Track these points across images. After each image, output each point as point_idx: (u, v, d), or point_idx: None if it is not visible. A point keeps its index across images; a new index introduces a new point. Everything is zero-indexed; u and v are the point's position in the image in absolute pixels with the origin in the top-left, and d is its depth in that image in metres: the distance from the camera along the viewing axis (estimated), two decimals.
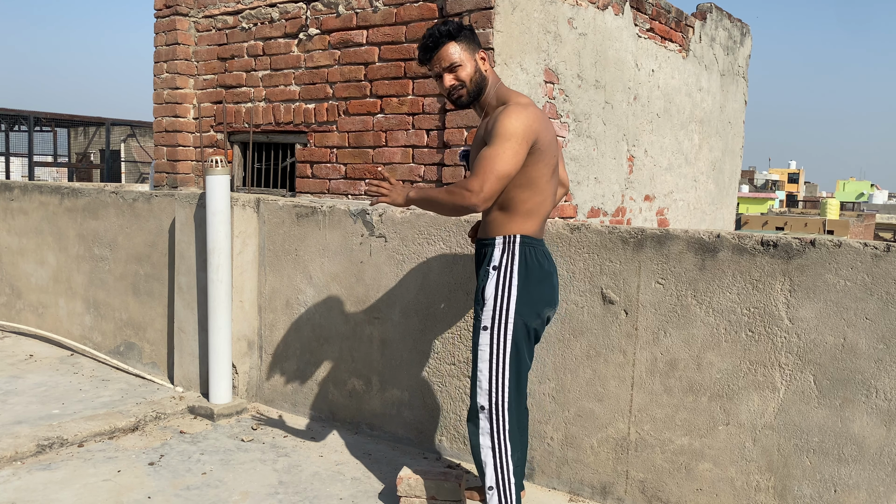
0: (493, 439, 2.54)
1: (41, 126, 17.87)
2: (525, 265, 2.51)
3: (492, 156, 2.37)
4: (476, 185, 2.35)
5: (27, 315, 5.51)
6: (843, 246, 2.55)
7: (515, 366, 2.53)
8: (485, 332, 2.52)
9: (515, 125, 2.39)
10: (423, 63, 2.61)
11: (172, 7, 5.93)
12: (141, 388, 4.39)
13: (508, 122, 2.40)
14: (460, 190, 2.38)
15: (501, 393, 2.52)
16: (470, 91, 2.57)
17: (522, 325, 2.52)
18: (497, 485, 2.54)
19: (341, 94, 5.09)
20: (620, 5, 5.33)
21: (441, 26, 2.55)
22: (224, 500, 3.00)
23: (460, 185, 2.40)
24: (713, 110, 7.00)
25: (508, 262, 2.50)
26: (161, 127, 6.14)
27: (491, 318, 2.50)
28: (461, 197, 2.37)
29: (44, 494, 3.01)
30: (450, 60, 2.53)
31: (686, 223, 6.70)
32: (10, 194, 5.60)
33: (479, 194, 2.35)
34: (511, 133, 2.38)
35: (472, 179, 2.37)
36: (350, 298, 3.77)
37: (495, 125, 2.42)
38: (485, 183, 2.35)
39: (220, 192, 3.89)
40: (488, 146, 2.40)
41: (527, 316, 2.52)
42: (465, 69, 2.55)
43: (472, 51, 2.58)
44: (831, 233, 25.57)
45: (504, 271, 2.50)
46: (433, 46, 2.54)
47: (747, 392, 2.72)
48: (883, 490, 2.50)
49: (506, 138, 2.38)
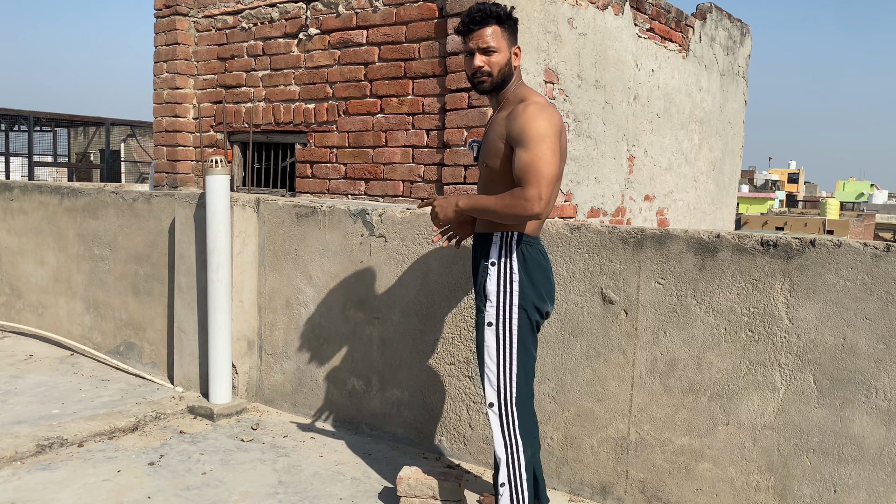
0: (504, 435, 2.54)
1: (41, 126, 17.87)
2: (523, 260, 2.52)
3: (535, 161, 2.35)
4: (534, 194, 2.34)
5: (27, 315, 5.51)
6: (843, 246, 2.55)
7: (523, 360, 2.55)
8: (489, 328, 2.52)
9: (546, 126, 2.38)
10: (462, 33, 2.54)
11: (172, 7, 5.93)
12: (141, 388, 4.39)
13: (538, 124, 2.38)
14: (518, 201, 2.36)
15: (509, 388, 2.53)
16: (494, 80, 2.53)
17: (526, 318, 2.53)
18: (509, 481, 2.54)
19: (341, 94, 5.09)
20: (620, 5, 5.33)
21: (493, 6, 2.50)
22: (224, 500, 3.01)
23: (516, 195, 2.37)
24: (713, 110, 6.99)
25: (507, 259, 2.51)
26: (161, 127, 6.14)
27: (495, 315, 2.51)
28: (521, 208, 2.36)
29: (43, 494, 3.01)
30: (488, 42, 2.48)
31: (686, 223, 6.69)
32: (10, 194, 5.60)
33: (539, 202, 2.34)
34: (544, 133, 2.37)
35: (527, 189, 2.35)
36: (350, 298, 3.77)
37: (523, 127, 2.39)
38: (541, 190, 2.34)
39: (219, 192, 3.89)
40: (524, 150, 2.37)
41: (529, 309, 2.53)
42: (499, 56, 2.50)
43: (511, 42, 2.54)
44: (831, 233, 25.57)
45: (504, 267, 2.50)
46: (480, 21, 2.48)
47: (747, 392, 2.72)
48: (883, 490, 2.50)
49: (541, 139, 2.37)
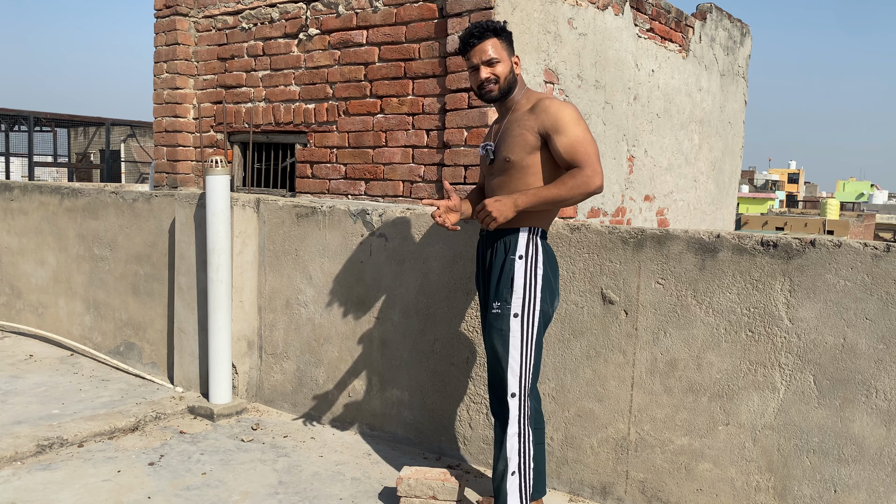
0: (520, 425, 2.61)
1: (41, 126, 17.88)
2: (547, 256, 2.64)
3: (581, 141, 2.51)
4: (592, 170, 2.49)
5: (27, 315, 5.51)
6: (843, 246, 2.55)
7: (538, 353, 2.65)
8: (515, 318, 2.59)
9: (576, 113, 2.56)
10: (464, 52, 2.71)
11: (172, 7, 5.93)
12: (141, 388, 4.39)
13: (569, 111, 2.55)
14: (580, 179, 2.49)
15: (527, 379, 2.62)
16: (502, 88, 2.69)
17: (543, 313, 2.63)
18: (519, 469, 2.61)
19: (341, 94, 5.09)
20: (620, 5, 5.33)
21: (488, 21, 2.69)
22: (224, 500, 3.01)
23: (576, 175, 2.50)
24: (713, 110, 6.99)
25: (534, 253, 2.61)
26: (161, 127, 6.14)
27: (521, 306, 2.59)
28: (586, 185, 2.49)
29: (43, 494, 3.01)
30: (490, 55, 2.66)
31: (686, 223, 6.69)
32: (10, 194, 5.60)
33: (599, 176, 2.50)
34: (578, 118, 2.55)
35: (585, 167, 2.49)
36: (350, 298, 3.77)
37: (557, 115, 2.54)
38: (595, 165, 2.50)
39: (220, 192, 3.89)
40: (564, 135, 2.52)
41: (547, 305, 2.64)
42: (502, 65, 2.67)
43: (510, 52, 2.72)
44: (831, 233, 25.56)
45: (531, 261, 2.60)
46: (479, 37, 2.65)
47: (747, 392, 2.72)
48: (883, 490, 2.50)
49: (576, 122, 2.54)
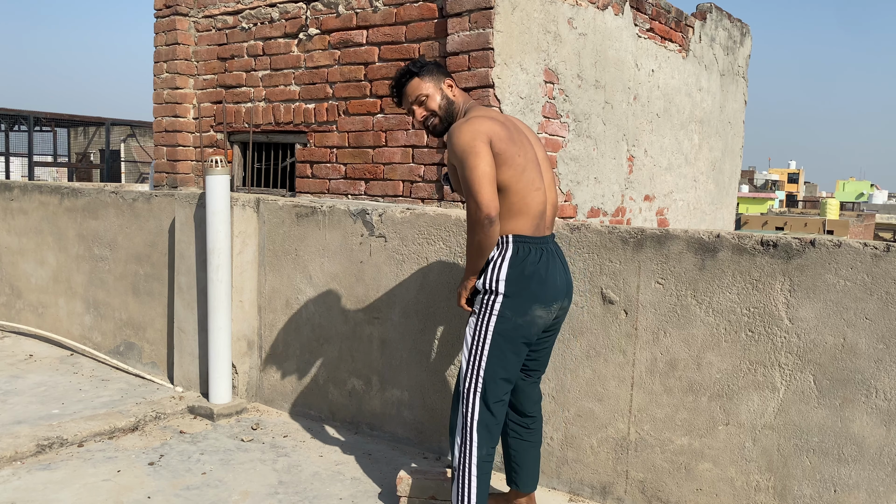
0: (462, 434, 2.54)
1: (41, 126, 17.87)
2: (517, 260, 2.53)
3: (466, 174, 2.47)
4: (473, 203, 2.46)
5: (27, 315, 5.51)
6: (843, 246, 2.55)
7: (498, 361, 2.54)
8: (472, 317, 2.59)
9: (466, 137, 2.50)
10: (398, 104, 2.80)
11: (172, 7, 5.93)
12: (141, 387, 4.39)
13: (459, 140, 2.51)
14: (471, 220, 2.48)
15: (475, 381, 2.55)
16: (442, 118, 2.72)
17: (508, 318, 2.52)
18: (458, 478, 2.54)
19: (341, 94, 5.09)
20: (620, 5, 5.33)
21: (403, 67, 2.74)
22: (224, 500, 3.01)
23: (468, 215, 2.50)
24: (713, 110, 6.99)
25: (499, 258, 2.55)
26: (161, 127, 6.14)
27: (480, 305, 2.57)
28: (475, 222, 2.46)
29: (43, 494, 3.01)
30: (415, 94, 2.70)
31: (686, 223, 6.70)
32: (10, 194, 5.60)
33: (483, 205, 2.43)
34: (466, 145, 2.49)
35: (469, 203, 2.48)
36: (350, 298, 3.77)
37: (451, 150, 2.53)
38: (479, 195, 2.44)
39: (219, 192, 3.89)
40: (459, 169, 2.51)
41: (513, 309, 2.52)
42: (432, 100, 2.70)
43: (438, 80, 2.72)
44: (831, 233, 25.56)
45: (494, 265, 2.55)
46: (399, 85, 2.73)
47: (747, 392, 2.72)
48: (883, 490, 2.50)
49: (464, 153, 2.48)
